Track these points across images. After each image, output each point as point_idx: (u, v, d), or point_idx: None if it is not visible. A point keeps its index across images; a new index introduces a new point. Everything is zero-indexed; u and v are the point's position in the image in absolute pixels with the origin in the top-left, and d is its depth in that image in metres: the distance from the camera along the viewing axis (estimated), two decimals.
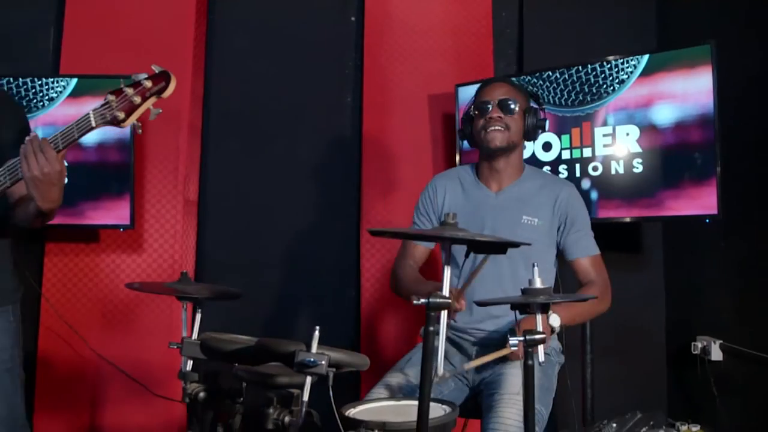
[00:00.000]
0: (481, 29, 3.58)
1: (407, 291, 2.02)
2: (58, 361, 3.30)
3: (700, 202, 2.54)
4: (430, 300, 1.24)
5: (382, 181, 3.46)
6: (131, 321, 3.35)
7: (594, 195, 2.78)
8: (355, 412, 1.52)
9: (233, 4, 3.64)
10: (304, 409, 1.22)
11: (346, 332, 3.44)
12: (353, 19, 3.68)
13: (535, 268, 1.39)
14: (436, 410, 1.51)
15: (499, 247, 1.33)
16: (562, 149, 2.88)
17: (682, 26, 3.29)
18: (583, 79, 2.81)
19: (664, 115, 2.62)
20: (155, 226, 3.41)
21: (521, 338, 1.35)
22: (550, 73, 2.90)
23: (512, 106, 2.07)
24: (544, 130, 2.17)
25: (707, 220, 2.55)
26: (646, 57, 2.67)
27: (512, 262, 1.99)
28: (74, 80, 2.99)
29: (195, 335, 1.61)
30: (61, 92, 2.97)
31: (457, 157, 3.21)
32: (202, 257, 3.54)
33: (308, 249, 3.50)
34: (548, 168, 2.91)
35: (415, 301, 1.26)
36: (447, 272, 1.31)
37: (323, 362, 1.20)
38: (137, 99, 1.56)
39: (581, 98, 2.81)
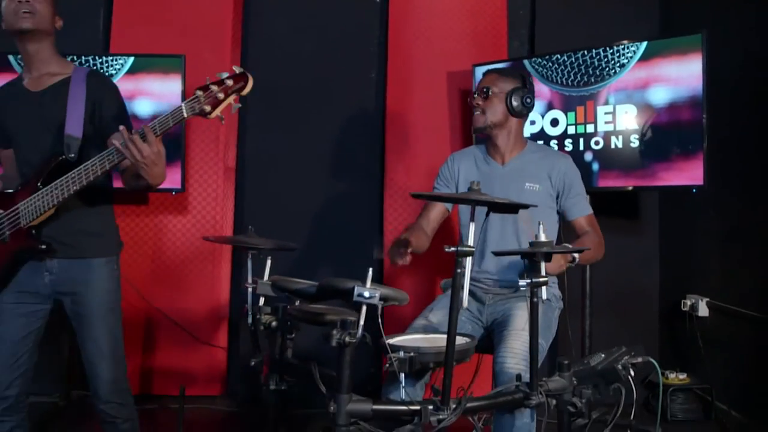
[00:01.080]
0: (496, 11, 3.87)
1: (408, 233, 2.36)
2: None
3: (688, 174, 2.88)
4: (459, 248, 1.59)
5: (403, 149, 3.78)
6: (178, 275, 3.72)
7: (595, 166, 3.12)
8: (394, 340, 1.89)
9: None
10: (360, 332, 1.58)
11: None
12: (378, 1, 3.95)
13: (541, 225, 1.74)
14: (459, 340, 1.87)
15: (512, 207, 1.69)
16: (567, 125, 3.22)
17: (683, 12, 3.59)
18: (588, 63, 3.13)
19: (659, 96, 2.95)
20: (198, 190, 3.76)
21: (528, 281, 1.71)
22: (559, 56, 3.22)
23: (487, 93, 2.40)
24: (529, 109, 2.48)
25: (694, 190, 2.90)
26: (644, 44, 2.99)
27: (518, 221, 2.35)
28: (131, 59, 3.31)
29: (266, 278, 1.98)
30: (119, 69, 3.29)
31: (472, 126, 3.52)
32: (240, 218, 3.88)
33: (336, 211, 3.78)
34: (555, 141, 3.24)
35: (447, 249, 1.61)
36: (471, 228, 1.67)
37: (377, 294, 1.56)
38: (221, 95, 1.88)
39: (586, 79, 3.14)
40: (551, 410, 1.79)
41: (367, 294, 1.57)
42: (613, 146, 3.08)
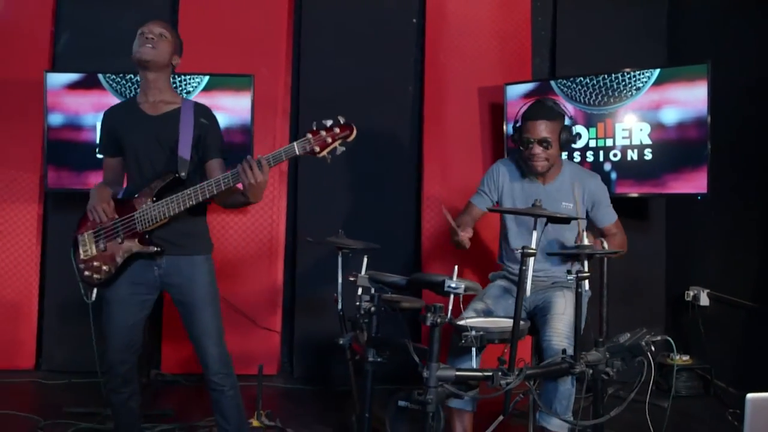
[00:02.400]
0: (521, 33, 4.32)
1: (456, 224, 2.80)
2: None
3: (694, 183, 3.36)
4: (525, 250, 2.07)
5: (439, 158, 4.23)
6: (239, 267, 4.18)
7: (613, 176, 3.59)
8: (463, 322, 2.37)
9: (318, 8, 4.33)
10: (448, 316, 2.06)
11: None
12: (414, 21, 4.39)
13: (585, 232, 2.22)
14: (506, 321, 2.35)
15: (565, 220, 2.17)
16: (589, 139, 3.69)
17: (689, 41, 4.06)
18: (608, 85, 3.61)
19: (670, 116, 3.43)
20: None
21: (574, 275, 2.18)
22: (582, 78, 3.69)
23: (549, 142, 2.80)
24: (575, 143, 2.93)
25: (699, 197, 3.38)
26: (657, 71, 3.47)
27: (556, 230, 2.82)
28: (206, 77, 3.76)
29: (363, 272, 2.45)
30: (196, 87, 3.75)
31: (505, 142, 3.99)
32: (291, 217, 4.34)
33: (378, 211, 4.23)
34: (578, 153, 3.72)
35: (516, 251, 2.08)
36: (535, 235, 2.14)
37: (462, 286, 2.02)
38: (329, 140, 2.28)
39: (606, 100, 3.62)
40: (589, 378, 2.27)
41: (454, 285, 2.05)
42: (629, 158, 3.56)
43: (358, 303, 2.37)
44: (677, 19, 4.20)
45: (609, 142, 3.62)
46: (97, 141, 2.69)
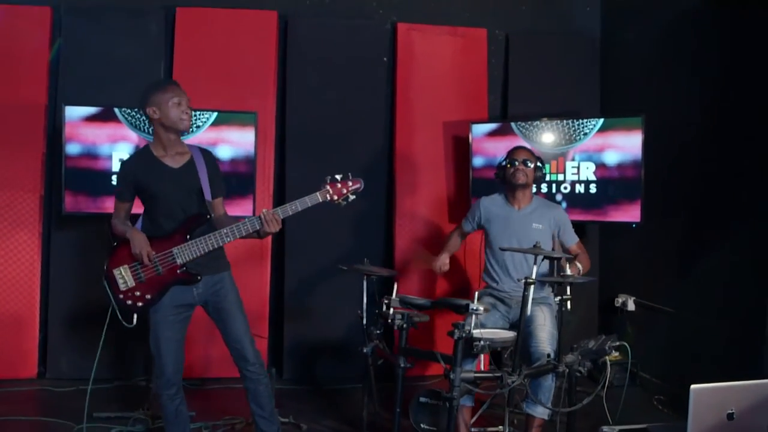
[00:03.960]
0: (479, 73, 5.00)
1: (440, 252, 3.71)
2: None
3: (630, 213, 4.12)
4: (527, 280, 2.70)
5: (409, 183, 4.85)
6: None
7: (564, 205, 4.31)
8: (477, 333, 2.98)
9: (301, 49, 4.81)
10: (470, 329, 2.66)
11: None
12: (385, 59, 4.97)
13: (569, 264, 2.89)
14: (509, 333, 2.99)
15: (550, 257, 2.83)
16: (544, 174, 4.38)
17: (619, 91, 4.85)
18: (561, 129, 4.32)
19: (611, 158, 4.18)
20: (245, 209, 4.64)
21: (559, 297, 2.84)
22: (538, 122, 4.39)
23: (529, 164, 3.56)
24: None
25: (633, 225, 4.14)
26: (601, 120, 4.21)
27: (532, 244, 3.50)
28: (215, 114, 4.20)
29: (394, 295, 3.02)
30: (205, 122, 4.18)
31: (470, 172, 4.64)
32: (280, 242, 4.81)
33: (356, 223, 4.76)
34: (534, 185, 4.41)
35: (519, 280, 2.72)
36: (535, 269, 2.78)
37: (482, 308, 2.64)
38: (344, 190, 2.84)
39: (558, 141, 4.33)
40: (566, 375, 2.94)
41: (476, 307, 2.67)
42: (577, 191, 4.29)
43: (390, 320, 2.94)
44: (608, 69, 4.99)
45: (560, 177, 4.34)
46: (116, 187, 3.09)
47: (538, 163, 3.64)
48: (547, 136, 4.37)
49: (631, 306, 4.64)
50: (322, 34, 4.81)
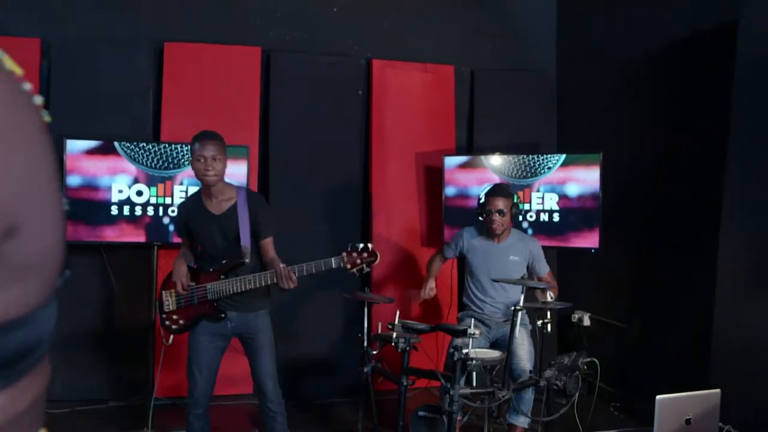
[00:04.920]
0: (447, 111, 5.41)
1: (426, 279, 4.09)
2: None
3: (589, 240, 4.59)
4: (516, 308, 3.10)
5: (385, 205, 5.20)
6: None
7: (530, 231, 4.75)
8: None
9: (285, 81, 5.12)
10: (466, 350, 3.04)
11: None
12: (360, 92, 5.33)
13: (549, 292, 3.30)
14: (495, 353, 3.39)
15: (532, 287, 3.24)
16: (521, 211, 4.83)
17: (575, 130, 5.35)
18: (527, 163, 4.77)
19: (572, 190, 4.65)
20: None
21: (541, 321, 3.25)
22: (507, 156, 4.82)
23: (504, 213, 3.92)
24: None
25: (592, 250, 4.62)
26: (564, 155, 4.67)
27: (509, 274, 3.90)
28: None
29: (396, 320, 3.37)
30: None
31: (442, 200, 5.04)
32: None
33: (334, 243, 5.08)
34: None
35: (512, 307, 3.12)
36: (522, 298, 3.18)
37: (477, 332, 3.02)
38: (358, 261, 3.12)
39: (525, 174, 4.77)
40: (543, 388, 3.35)
41: (473, 331, 3.05)
42: (542, 219, 4.74)
43: (393, 343, 3.30)
44: (565, 105, 5.49)
45: (527, 206, 4.78)
46: (175, 225, 3.42)
47: (513, 204, 3.99)
48: (514, 170, 4.81)
49: (586, 321, 5.12)
50: (302, 68, 5.12)
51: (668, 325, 4.34)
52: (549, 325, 3.29)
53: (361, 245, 3.15)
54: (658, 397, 2.95)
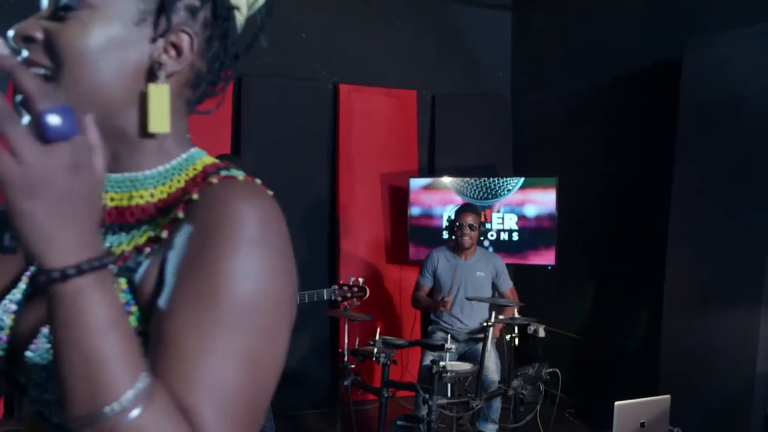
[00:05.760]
0: (410, 134, 5.69)
1: (430, 304, 4.16)
2: None
3: (546, 257, 4.92)
4: (488, 323, 3.37)
5: (352, 229, 5.44)
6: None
7: (490, 250, 5.04)
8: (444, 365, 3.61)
9: (255, 104, 5.30)
10: (444, 363, 3.28)
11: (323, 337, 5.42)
12: (328, 116, 5.55)
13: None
14: (467, 365, 3.65)
15: (503, 304, 3.52)
16: (488, 229, 5.13)
17: (530, 153, 5.70)
18: (488, 186, 5.07)
19: (530, 211, 4.97)
20: None
21: (509, 336, 3.53)
22: (469, 179, 5.12)
23: (475, 228, 4.23)
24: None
25: (549, 267, 4.94)
26: (522, 179, 5.00)
27: (476, 291, 4.17)
28: None
29: (377, 336, 3.59)
30: None
31: (408, 219, 5.29)
32: None
33: (305, 260, 5.32)
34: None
35: (484, 323, 3.38)
36: (493, 316, 3.45)
37: (454, 347, 3.27)
38: (349, 294, 3.43)
39: (486, 195, 5.08)
40: (510, 396, 3.63)
41: (450, 346, 3.30)
42: (502, 238, 5.05)
43: (374, 357, 3.52)
44: (520, 129, 5.84)
45: (488, 226, 5.08)
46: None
47: (481, 221, 4.31)
48: (476, 191, 5.11)
49: (541, 333, 5.43)
50: (272, 92, 5.32)
51: (619, 337, 4.69)
52: (516, 339, 3.57)
53: (353, 279, 3.40)
54: (616, 403, 3.24)
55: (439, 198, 5.11)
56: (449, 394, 3.48)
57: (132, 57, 0.79)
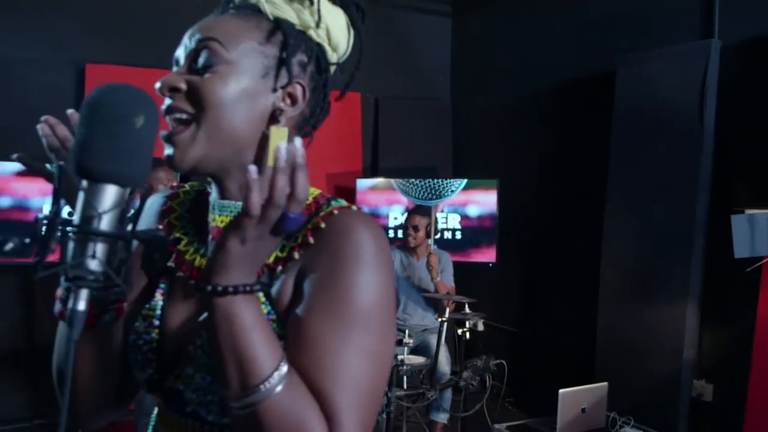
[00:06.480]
0: (355, 137, 5.86)
1: None
2: None
3: (488, 255, 5.18)
4: (442, 320, 3.57)
5: None
6: None
7: (435, 247, 5.26)
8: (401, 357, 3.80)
9: None
10: (401, 357, 3.47)
11: None
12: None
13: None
14: (421, 359, 3.85)
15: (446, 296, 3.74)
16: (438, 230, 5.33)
17: (469, 155, 5.96)
18: (433, 186, 5.29)
19: (473, 211, 5.23)
20: None
21: (460, 330, 3.75)
22: (414, 180, 5.33)
23: (419, 229, 4.45)
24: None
25: (490, 264, 5.21)
26: (465, 180, 5.24)
27: (428, 288, 4.39)
28: None
29: None
30: None
31: None
32: None
33: None
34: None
35: (438, 319, 3.58)
36: (448, 310, 3.66)
37: (411, 341, 3.46)
38: None
39: (430, 196, 5.30)
40: (460, 387, 3.85)
41: (408, 341, 3.49)
42: (446, 237, 5.29)
43: None
44: (459, 132, 6.09)
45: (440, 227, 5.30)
46: None
47: (429, 221, 4.51)
48: (421, 192, 5.32)
49: (480, 327, 5.70)
50: None
51: (557, 329, 5.01)
52: (468, 333, 3.79)
53: None
54: (560, 390, 3.52)
55: (385, 198, 5.30)
56: (404, 386, 3.67)
57: (259, 104, 0.95)
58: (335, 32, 1.03)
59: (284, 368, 0.82)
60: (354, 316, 0.86)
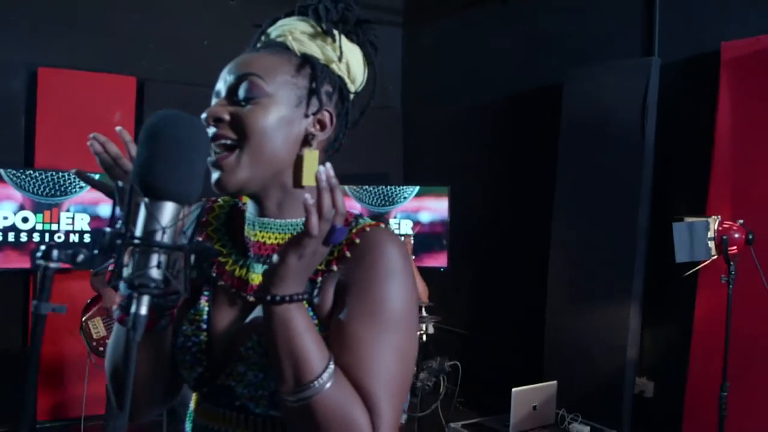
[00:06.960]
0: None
1: None
2: None
3: (439, 260, 5.34)
4: None
5: None
6: None
7: None
8: None
9: (158, 108, 5.35)
10: None
11: None
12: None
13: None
14: None
15: None
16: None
17: (422, 165, 6.12)
18: (386, 193, 5.42)
19: (425, 217, 5.38)
20: None
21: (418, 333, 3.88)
22: (368, 186, 5.44)
23: None
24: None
25: (441, 269, 5.37)
26: (418, 187, 5.39)
27: None
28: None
29: None
30: (83, 188, 4.56)
31: None
32: None
33: None
34: None
35: None
36: None
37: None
38: None
39: (383, 202, 5.42)
40: (417, 388, 3.99)
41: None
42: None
43: None
44: (411, 140, 6.25)
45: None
46: None
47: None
48: (374, 199, 5.44)
49: (430, 330, 5.86)
50: (174, 96, 5.36)
51: (507, 331, 5.20)
52: (425, 336, 3.93)
53: None
54: (513, 389, 3.68)
55: None
56: None
57: (294, 130, 1.07)
58: (354, 66, 1.15)
59: (332, 366, 0.94)
60: (387, 321, 0.99)
